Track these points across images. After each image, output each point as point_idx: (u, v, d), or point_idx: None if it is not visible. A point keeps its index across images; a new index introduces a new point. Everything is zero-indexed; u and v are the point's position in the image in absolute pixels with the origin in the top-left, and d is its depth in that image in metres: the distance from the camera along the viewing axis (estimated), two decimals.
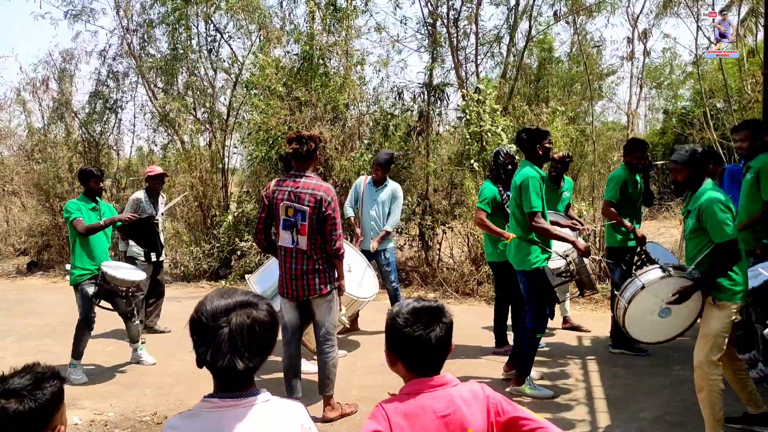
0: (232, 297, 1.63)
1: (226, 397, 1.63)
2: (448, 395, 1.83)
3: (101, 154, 12.64)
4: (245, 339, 1.57)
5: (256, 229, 4.51)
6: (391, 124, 9.98)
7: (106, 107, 12.52)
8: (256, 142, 10.09)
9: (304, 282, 4.34)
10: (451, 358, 5.65)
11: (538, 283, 4.85)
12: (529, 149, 4.94)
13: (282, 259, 4.40)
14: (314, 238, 4.29)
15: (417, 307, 1.87)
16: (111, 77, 12.50)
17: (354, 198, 6.78)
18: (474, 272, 8.84)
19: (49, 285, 11.00)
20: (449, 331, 1.88)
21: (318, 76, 9.86)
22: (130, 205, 6.82)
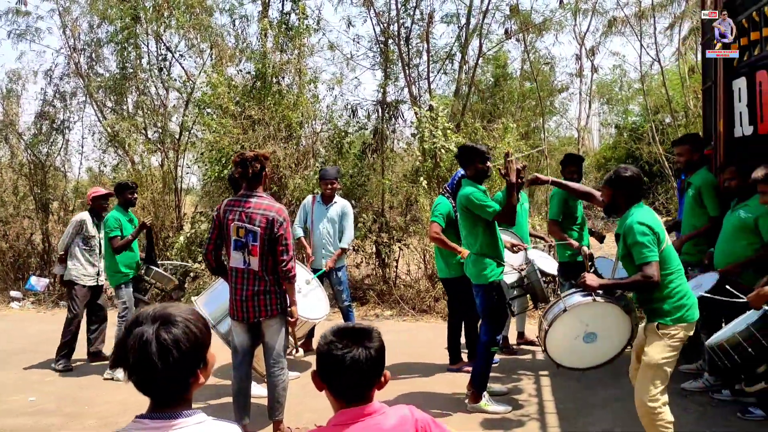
0: (157, 308, 1.61)
1: (156, 417, 1.57)
2: (374, 425, 1.78)
3: (48, 176, 12.29)
4: (167, 347, 1.53)
5: (206, 250, 4.43)
6: (346, 141, 10.00)
7: (53, 128, 12.18)
8: (209, 161, 9.97)
9: (254, 303, 4.27)
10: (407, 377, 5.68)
11: (494, 297, 4.88)
12: (470, 165, 4.99)
13: (233, 281, 4.33)
14: (265, 259, 4.24)
15: (343, 328, 1.84)
16: (58, 97, 12.18)
17: (303, 218, 6.73)
18: (430, 289, 8.86)
19: None
20: (374, 358, 1.79)
21: (271, 95, 9.82)
22: (72, 227, 6.60)
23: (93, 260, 6.65)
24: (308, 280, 5.56)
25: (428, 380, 5.77)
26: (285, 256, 4.23)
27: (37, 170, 12.24)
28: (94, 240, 6.65)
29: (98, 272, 6.71)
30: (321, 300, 6.01)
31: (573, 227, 5.90)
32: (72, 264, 6.56)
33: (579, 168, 6.01)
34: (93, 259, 6.65)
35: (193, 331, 1.59)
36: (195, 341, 1.59)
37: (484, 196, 4.83)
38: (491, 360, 5.03)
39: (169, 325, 1.56)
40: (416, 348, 6.86)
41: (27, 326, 8.68)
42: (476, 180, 4.98)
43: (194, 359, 1.58)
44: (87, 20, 11.74)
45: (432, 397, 5.32)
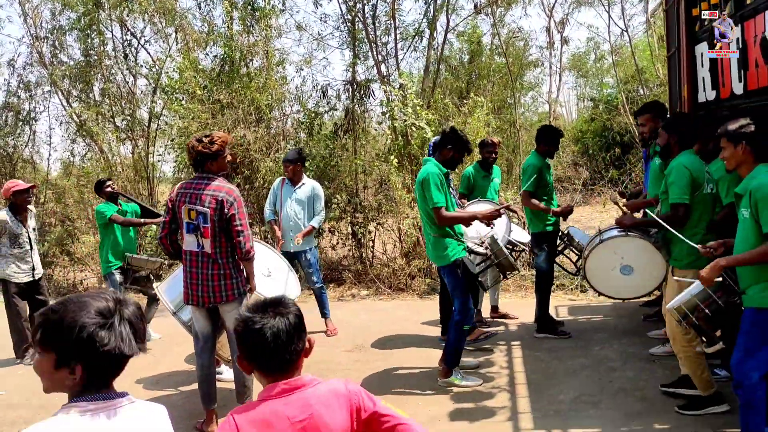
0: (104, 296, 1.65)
1: (93, 399, 1.57)
2: (302, 398, 1.75)
3: (17, 168, 12.10)
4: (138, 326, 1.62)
5: (160, 235, 4.37)
6: (316, 122, 9.92)
7: (19, 119, 11.98)
8: (179, 147, 9.85)
9: (209, 287, 4.23)
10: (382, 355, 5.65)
11: (459, 275, 4.89)
12: (444, 150, 4.96)
13: (187, 264, 4.28)
14: (218, 240, 4.19)
15: (255, 303, 1.81)
16: (22, 87, 11.96)
17: (272, 200, 6.68)
18: (406, 267, 8.86)
19: None
20: (292, 325, 1.77)
21: (239, 78, 9.70)
22: None
23: (25, 257, 6.45)
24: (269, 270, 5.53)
25: (402, 358, 5.79)
26: (241, 237, 4.17)
27: (5, 163, 12.07)
28: (21, 237, 6.42)
29: (33, 267, 6.53)
30: (291, 282, 5.99)
31: (544, 197, 5.91)
32: (3, 263, 6.36)
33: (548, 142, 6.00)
34: (25, 256, 6.44)
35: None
36: None
37: (439, 184, 4.78)
38: (463, 338, 5.05)
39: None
40: (391, 326, 6.87)
41: None
42: (443, 164, 4.96)
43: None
44: (48, 7, 11.48)
45: (405, 376, 5.34)
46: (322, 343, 6.34)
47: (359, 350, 6.14)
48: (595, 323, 6.47)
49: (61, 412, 1.56)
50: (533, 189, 5.80)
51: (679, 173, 4.09)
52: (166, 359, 6.09)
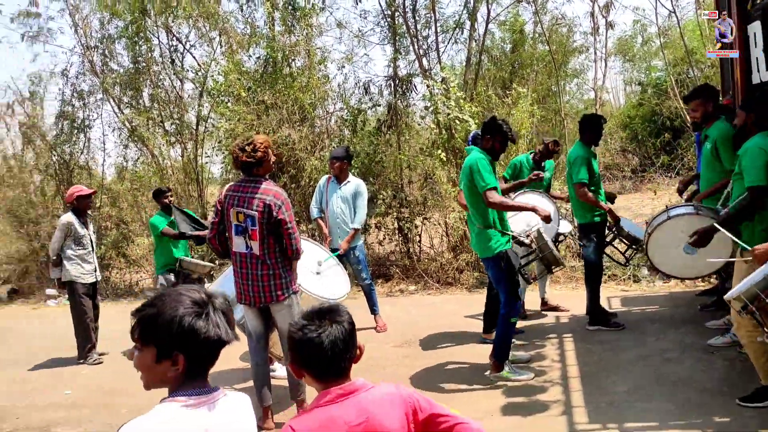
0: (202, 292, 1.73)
1: (192, 394, 1.63)
2: (358, 403, 1.77)
3: (73, 174, 12.53)
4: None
5: (209, 236, 4.49)
6: (359, 119, 9.96)
7: (74, 127, 12.40)
8: (226, 149, 10.05)
9: (259, 288, 4.31)
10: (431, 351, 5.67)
11: (503, 267, 4.85)
12: (485, 139, 4.94)
13: (237, 265, 4.37)
14: (266, 242, 4.26)
15: (310, 311, 1.83)
16: (76, 96, 12.36)
17: (318, 198, 6.75)
18: (454, 261, 8.84)
19: (30, 312, 10.91)
20: (347, 332, 1.80)
21: (282, 78, 9.82)
22: (60, 230, 6.68)
23: (88, 258, 6.78)
24: (320, 262, 5.59)
25: (452, 353, 5.79)
26: (291, 239, 4.26)
27: (63, 170, 12.48)
28: (85, 238, 6.76)
29: (95, 268, 6.87)
30: (341, 279, 6.05)
31: (591, 187, 5.81)
32: (69, 265, 6.66)
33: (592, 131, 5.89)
34: (88, 257, 6.78)
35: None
36: None
37: (488, 167, 4.76)
38: (512, 330, 5.01)
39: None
40: (441, 321, 6.87)
41: (62, 323, 8.91)
42: (490, 153, 4.94)
43: None
44: (97, 17, 11.83)
45: (455, 371, 5.34)
46: (372, 340, 6.39)
47: (409, 346, 6.16)
48: (649, 314, 6.34)
49: (161, 405, 1.62)
50: (586, 180, 5.69)
51: (753, 155, 3.91)
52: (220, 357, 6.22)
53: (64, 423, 5.04)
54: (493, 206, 4.76)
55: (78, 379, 6.17)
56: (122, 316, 9.23)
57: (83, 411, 5.28)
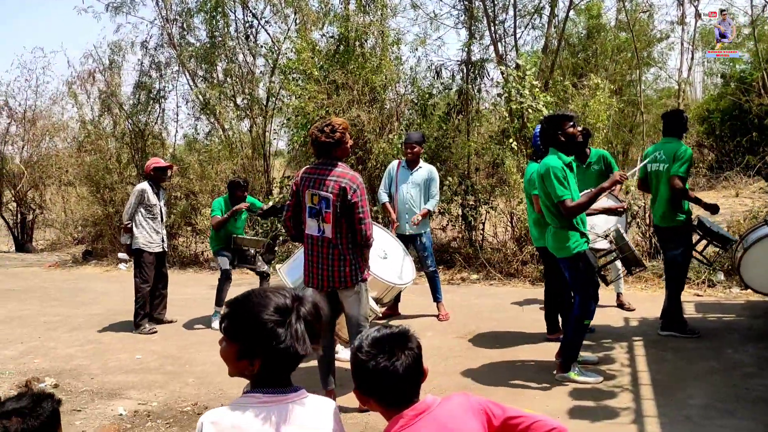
0: (288, 292, 1.71)
1: (269, 392, 1.65)
2: (434, 419, 1.71)
3: (147, 143, 12.90)
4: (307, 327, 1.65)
5: (284, 217, 4.49)
6: (430, 103, 9.84)
7: (150, 97, 12.76)
8: (295, 126, 10.12)
9: (329, 272, 4.28)
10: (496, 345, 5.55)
11: (580, 268, 4.69)
12: (551, 137, 4.74)
13: (308, 248, 4.36)
14: (339, 226, 4.23)
15: (378, 336, 1.76)
16: (153, 67, 12.71)
17: (388, 183, 6.70)
18: (518, 252, 8.68)
19: (103, 274, 11.36)
20: (418, 358, 1.75)
21: (354, 58, 9.78)
22: (135, 197, 6.90)
23: (157, 227, 6.98)
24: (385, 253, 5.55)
25: (516, 348, 5.68)
26: (362, 224, 4.20)
27: (138, 138, 12.88)
28: (156, 208, 6.96)
29: (162, 238, 7.06)
30: (407, 265, 6.02)
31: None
32: (138, 232, 6.88)
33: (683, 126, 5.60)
34: (157, 227, 6.98)
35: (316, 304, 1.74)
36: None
37: (561, 177, 4.57)
38: (583, 332, 4.86)
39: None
40: (504, 313, 6.76)
41: (132, 287, 9.24)
42: (563, 149, 4.73)
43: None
44: None
45: (520, 367, 5.24)
46: (434, 329, 6.34)
47: (472, 336, 6.08)
48: (726, 323, 6.05)
49: (240, 400, 1.67)
50: (686, 175, 5.41)
51: None
52: None
53: (135, 387, 5.19)
54: (572, 214, 4.59)
55: (149, 345, 6.37)
56: (189, 283, 9.51)
57: (153, 377, 5.44)
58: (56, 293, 9.45)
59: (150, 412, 4.70)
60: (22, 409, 1.73)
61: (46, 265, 12.74)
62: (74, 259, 12.92)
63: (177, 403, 4.84)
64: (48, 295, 9.33)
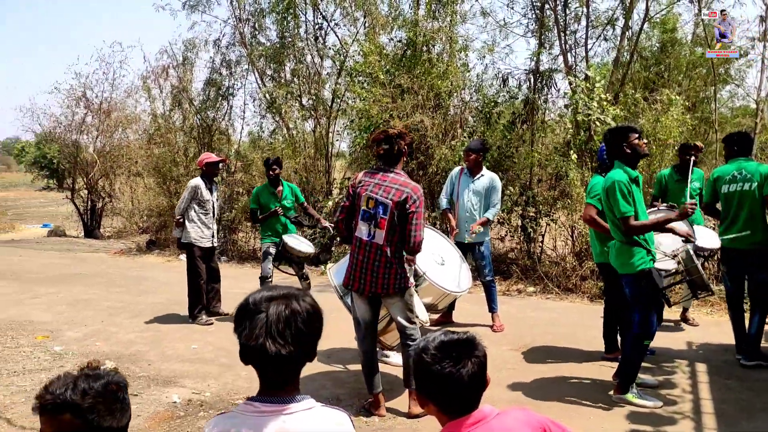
0: (278, 290, 1.64)
1: (267, 401, 1.61)
2: (490, 430, 1.67)
3: (214, 139, 13.25)
4: (280, 325, 1.55)
5: (337, 218, 4.51)
6: (495, 111, 9.73)
7: (219, 94, 13.10)
8: (358, 129, 10.18)
9: (373, 278, 4.28)
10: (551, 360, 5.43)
11: (643, 286, 4.53)
12: (616, 150, 4.59)
13: (355, 250, 4.36)
14: (392, 233, 4.22)
15: (445, 341, 1.71)
16: (224, 65, 13.05)
17: (449, 189, 6.66)
18: (577, 267, 8.48)
19: (164, 263, 11.72)
20: (483, 366, 1.71)
21: (421, 63, 9.78)
22: (188, 192, 7.03)
23: (208, 222, 7.10)
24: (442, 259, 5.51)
25: (572, 366, 5.53)
26: (414, 234, 4.19)
27: (205, 133, 13.25)
28: (208, 203, 7.07)
29: (212, 234, 7.16)
30: (464, 273, 5.95)
31: None
32: (190, 227, 7.00)
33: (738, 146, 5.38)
34: (208, 222, 7.10)
35: (313, 305, 1.64)
36: (314, 315, 1.63)
37: (626, 192, 4.41)
38: (642, 353, 4.69)
39: (292, 299, 1.61)
40: (561, 329, 6.61)
41: None
42: (628, 162, 4.58)
43: (309, 334, 1.61)
44: None
45: (575, 385, 5.10)
46: (488, 339, 6.25)
47: (526, 349, 5.97)
48: None
49: (239, 407, 1.64)
50: None
51: None
52: (335, 334, 6.26)
53: (190, 377, 5.31)
54: (633, 233, 4.44)
55: (205, 336, 6.51)
56: (247, 278, 9.69)
57: (207, 368, 5.55)
58: (120, 280, 9.79)
59: (203, 401, 4.80)
60: (96, 385, 1.68)
61: (111, 252, 13.24)
62: (138, 248, 13.38)
63: (229, 395, 4.93)
64: (112, 281, 9.68)
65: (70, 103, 17.32)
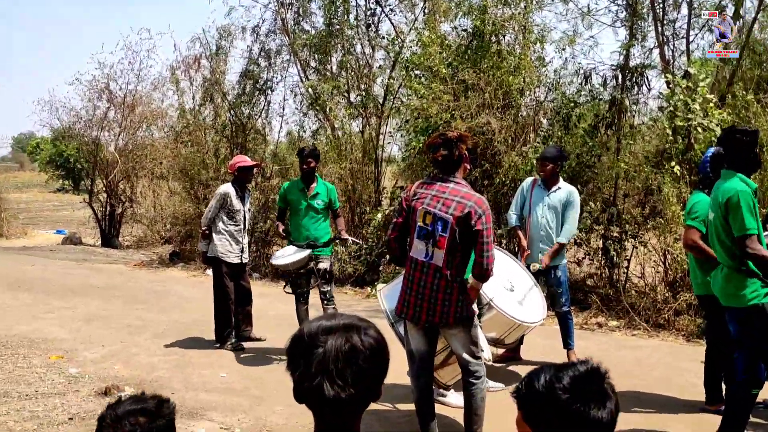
0: (338, 319, 1.63)
1: None
2: None
3: (248, 138, 13.47)
4: (339, 363, 1.53)
5: (389, 237, 4.48)
6: (574, 113, 9.61)
7: (256, 88, 13.34)
8: (413, 130, 10.20)
9: (430, 305, 4.21)
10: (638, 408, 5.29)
11: (754, 324, 4.37)
12: (737, 155, 4.45)
13: (410, 273, 4.31)
14: (453, 254, 4.16)
15: (584, 374, 1.64)
16: (263, 56, 13.28)
17: (520, 203, 6.59)
18: (671, 299, 8.25)
19: (189, 278, 11.95)
20: (618, 409, 1.64)
21: (489, 56, 9.75)
22: (216, 200, 7.04)
23: (238, 236, 7.06)
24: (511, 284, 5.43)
25: (665, 416, 5.37)
26: (484, 256, 4.12)
27: (238, 132, 13.51)
28: (239, 214, 7.04)
29: (242, 249, 7.13)
30: (537, 302, 5.87)
31: None
32: (218, 240, 6.98)
33: None
34: (238, 235, 7.06)
35: (378, 340, 1.63)
36: (379, 352, 1.62)
37: (752, 206, 4.27)
38: (750, 404, 4.51)
39: (353, 332, 1.60)
40: (650, 372, 6.44)
41: None
42: (747, 172, 4.44)
43: (372, 373, 1.60)
44: None
45: None
46: None
47: None
48: None
49: None
50: None
51: None
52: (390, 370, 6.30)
53: (217, 409, 5.37)
54: (751, 258, 4.28)
55: (234, 363, 6.60)
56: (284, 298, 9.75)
57: (237, 399, 5.60)
58: (141, 295, 10.03)
59: None
60: (148, 409, 1.85)
61: (131, 264, 13.59)
62: (160, 260, 13.70)
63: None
64: (132, 296, 9.92)
65: (91, 95, 17.94)
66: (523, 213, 6.57)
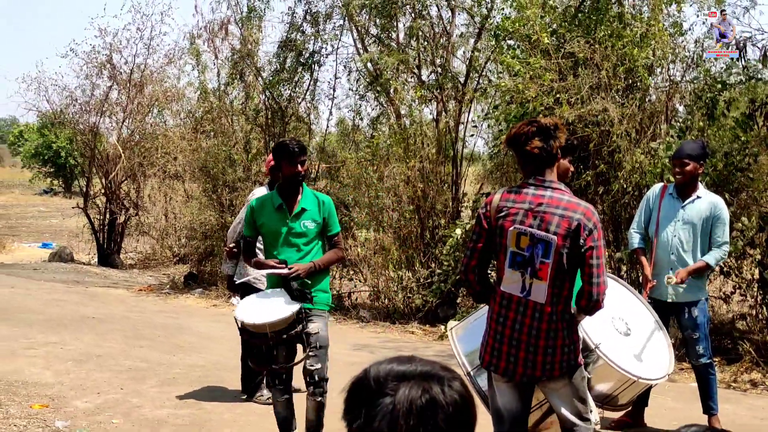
0: (414, 364, 1.66)
1: None
2: None
3: (288, 128, 13.63)
4: (412, 420, 1.56)
5: (465, 266, 4.41)
6: (722, 98, 9.53)
7: (299, 62, 13.49)
8: (505, 119, 10.26)
9: (529, 353, 4.17)
10: None
11: None
12: None
13: (499, 311, 4.26)
14: (559, 284, 4.13)
15: None
16: (308, 20, 13.45)
17: (645, 218, 6.59)
18: None
19: (209, 309, 12.23)
20: None
21: (606, 22, 9.75)
22: (245, 211, 7.02)
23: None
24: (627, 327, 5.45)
25: None
26: (594, 282, 4.09)
27: (276, 119, 13.72)
28: None
29: None
30: (662, 349, 5.87)
31: None
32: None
33: None
34: None
35: (463, 395, 1.66)
36: (463, 410, 1.64)
37: None
38: None
39: (433, 383, 1.64)
40: None
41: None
42: None
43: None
44: None
45: None
46: None
47: None
48: None
49: None
50: None
51: None
52: None
53: None
54: None
55: (266, 422, 6.71)
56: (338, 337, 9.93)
57: None
58: (146, 329, 10.31)
59: None
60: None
61: (135, 288, 13.97)
62: (173, 284, 14.03)
63: None
64: (135, 330, 10.21)
65: (89, 71, 18.13)
66: (649, 230, 6.57)
